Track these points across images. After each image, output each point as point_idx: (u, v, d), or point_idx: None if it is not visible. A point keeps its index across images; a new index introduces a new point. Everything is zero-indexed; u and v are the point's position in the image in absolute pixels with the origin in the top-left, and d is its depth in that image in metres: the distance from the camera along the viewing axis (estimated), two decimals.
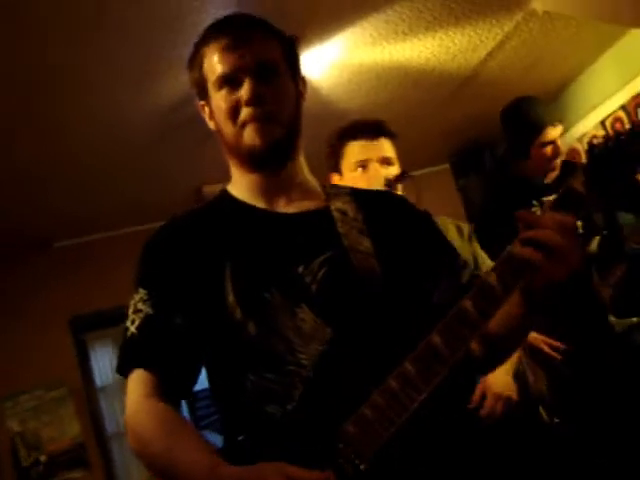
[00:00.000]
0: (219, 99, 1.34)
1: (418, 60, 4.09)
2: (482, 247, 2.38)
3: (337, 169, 2.38)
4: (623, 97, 4.58)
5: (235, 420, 1.29)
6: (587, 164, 1.16)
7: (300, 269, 1.27)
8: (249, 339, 1.24)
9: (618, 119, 4.62)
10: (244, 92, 1.30)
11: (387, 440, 1.11)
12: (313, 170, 1.47)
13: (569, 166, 2.86)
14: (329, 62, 3.83)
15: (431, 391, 1.12)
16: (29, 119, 3.54)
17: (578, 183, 1.14)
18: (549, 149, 2.85)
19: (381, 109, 4.57)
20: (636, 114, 4.46)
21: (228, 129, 1.33)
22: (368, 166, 2.29)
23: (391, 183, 2.19)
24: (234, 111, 1.32)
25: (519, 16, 3.90)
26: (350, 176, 2.30)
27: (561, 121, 2.92)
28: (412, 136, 5.17)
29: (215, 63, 1.33)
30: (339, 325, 1.23)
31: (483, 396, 2.17)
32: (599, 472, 2.36)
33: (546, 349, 2.59)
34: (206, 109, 1.41)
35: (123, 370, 1.32)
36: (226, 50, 1.33)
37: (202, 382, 1.40)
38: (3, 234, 4.74)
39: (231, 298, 1.26)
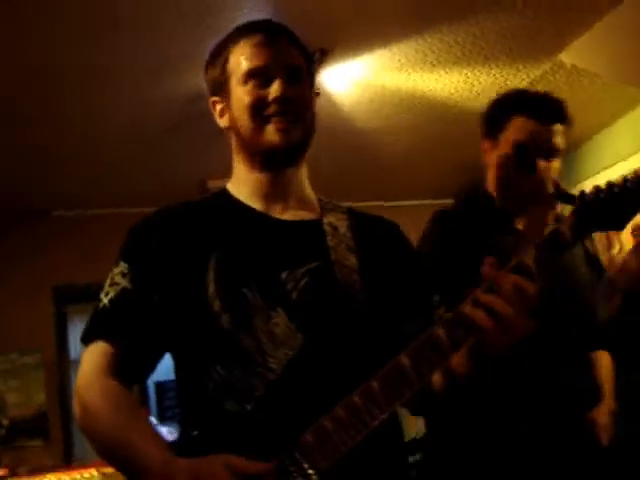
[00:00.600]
0: (243, 93, 1.34)
1: (441, 93, 4.12)
2: None
3: (494, 137, 2.10)
4: (636, 162, 4.61)
5: (194, 412, 1.29)
6: (577, 208, 1.17)
7: (284, 275, 1.28)
8: (222, 332, 1.24)
9: None
10: (275, 90, 1.31)
11: (344, 454, 1.11)
12: (322, 180, 1.48)
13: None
14: (354, 80, 3.85)
15: (392, 411, 1.13)
16: (44, 97, 3.61)
17: (566, 227, 1.16)
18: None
19: (398, 134, 4.61)
20: None
21: (247, 123, 1.33)
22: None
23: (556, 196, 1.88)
24: (258, 106, 1.32)
25: (547, 65, 3.93)
26: (504, 154, 2.06)
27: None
28: (424, 166, 5.22)
29: (245, 58, 1.34)
30: (311, 333, 1.24)
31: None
32: None
33: None
34: (218, 106, 1.41)
35: (86, 339, 1.30)
36: (259, 46, 1.34)
37: (170, 373, 1.39)
38: (4, 198, 4.78)
39: (212, 289, 1.26)
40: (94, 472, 3.14)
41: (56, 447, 4.90)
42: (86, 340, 1.30)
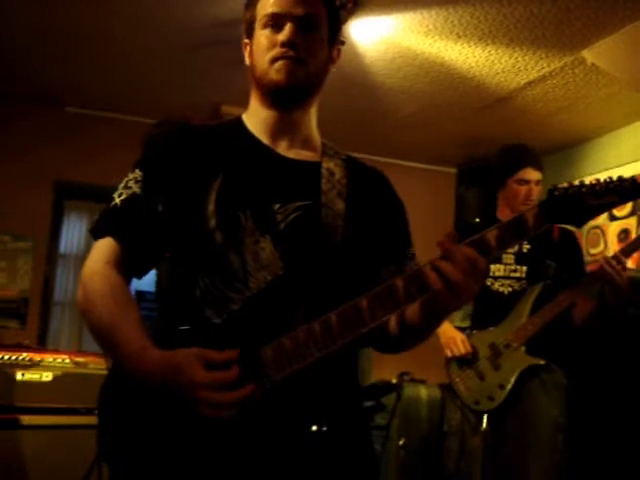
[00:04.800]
0: (261, 36, 1.46)
1: (462, 65, 4.21)
2: None
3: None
4: (636, 169, 4.68)
5: (178, 314, 1.42)
6: (544, 200, 1.27)
7: (276, 206, 1.41)
8: (214, 246, 1.38)
9: None
10: (283, 34, 1.43)
11: (296, 372, 1.26)
12: (328, 121, 1.59)
13: None
14: (380, 36, 3.93)
15: (344, 344, 1.27)
16: None
17: (530, 214, 1.26)
18: (524, 189, 2.98)
19: (411, 96, 4.69)
20: None
21: (260, 63, 1.46)
22: None
23: None
24: (269, 48, 1.44)
25: (568, 59, 4.02)
26: None
27: (541, 171, 3.03)
28: (431, 132, 5.31)
29: (268, 3, 1.46)
30: (290, 263, 1.38)
31: None
32: None
33: None
34: (247, 48, 1.52)
35: (96, 233, 1.45)
36: None
37: (149, 284, 1.54)
38: (20, 83, 4.84)
39: (211, 207, 1.40)
40: (67, 358, 3.30)
41: (31, 332, 4.99)
42: (95, 233, 1.45)
